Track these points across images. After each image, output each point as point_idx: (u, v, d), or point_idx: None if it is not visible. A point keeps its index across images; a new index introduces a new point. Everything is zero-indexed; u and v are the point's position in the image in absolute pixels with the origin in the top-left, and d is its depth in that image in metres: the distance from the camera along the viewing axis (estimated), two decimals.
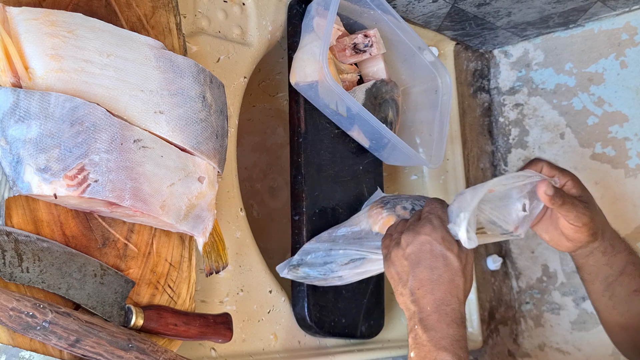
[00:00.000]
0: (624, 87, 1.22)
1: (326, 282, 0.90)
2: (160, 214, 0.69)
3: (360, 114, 0.93)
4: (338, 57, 1.01)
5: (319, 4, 0.95)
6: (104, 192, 0.64)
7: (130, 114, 0.68)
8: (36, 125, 0.62)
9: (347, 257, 0.88)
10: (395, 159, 1.06)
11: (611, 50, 1.23)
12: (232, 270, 0.86)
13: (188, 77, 0.73)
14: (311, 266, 0.89)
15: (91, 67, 0.66)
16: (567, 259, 1.27)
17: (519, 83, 1.37)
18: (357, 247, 0.88)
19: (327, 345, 0.96)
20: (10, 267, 0.61)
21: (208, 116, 0.74)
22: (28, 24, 0.63)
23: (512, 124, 1.39)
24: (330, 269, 0.88)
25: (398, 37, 1.03)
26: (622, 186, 1.21)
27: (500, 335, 1.33)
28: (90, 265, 0.67)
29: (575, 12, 1.19)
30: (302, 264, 0.89)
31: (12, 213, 0.64)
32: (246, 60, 0.93)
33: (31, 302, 0.59)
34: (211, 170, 0.76)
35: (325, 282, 0.90)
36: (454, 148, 1.28)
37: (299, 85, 0.94)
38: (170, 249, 0.75)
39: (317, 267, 0.89)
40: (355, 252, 0.87)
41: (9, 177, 0.62)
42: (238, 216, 0.89)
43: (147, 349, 0.65)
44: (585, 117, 1.27)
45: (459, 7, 1.13)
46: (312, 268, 0.89)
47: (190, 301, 0.76)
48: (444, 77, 1.08)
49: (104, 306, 0.67)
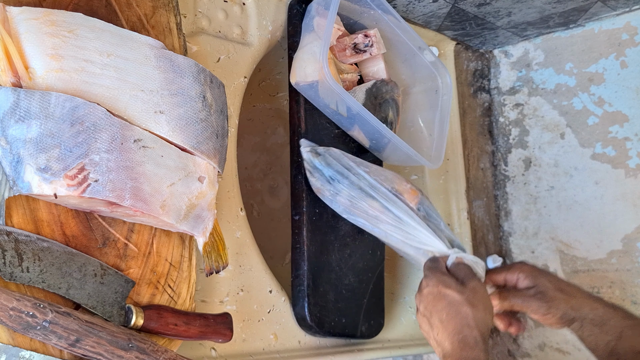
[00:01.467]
0: (624, 87, 1.22)
1: (329, 196, 0.91)
2: (160, 213, 0.69)
3: (361, 114, 0.93)
4: (338, 57, 1.01)
5: (319, 3, 0.95)
6: (104, 192, 0.64)
7: (130, 113, 0.68)
8: (36, 125, 0.62)
9: (363, 182, 0.90)
10: (395, 158, 1.06)
11: (611, 50, 1.23)
12: (232, 270, 0.86)
13: (188, 77, 0.73)
14: (329, 165, 0.90)
15: (91, 66, 0.66)
16: (567, 259, 1.27)
17: (519, 83, 1.37)
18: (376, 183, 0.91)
19: (327, 345, 0.96)
20: (10, 266, 0.61)
21: (208, 116, 0.74)
22: (28, 24, 0.63)
23: (513, 124, 1.39)
24: (341, 182, 0.90)
25: (398, 37, 1.03)
26: (622, 186, 1.21)
27: (501, 335, 1.33)
28: (90, 265, 0.67)
29: (576, 12, 1.19)
30: (323, 156, 0.91)
31: (12, 213, 0.64)
32: (246, 60, 0.93)
33: (31, 302, 0.59)
34: (211, 170, 0.76)
35: (329, 194, 0.91)
36: (454, 148, 1.28)
37: (299, 85, 0.94)
38: (171, 248, 0.75)
39: (332, 170, 0.90)
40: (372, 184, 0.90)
41: (9, 176, 0.62)
42: (238, 216, 0.89)
43: (148, 348, 0.65)
44: (585, 117, 1.27)
45: (459, 7, 1.13)
46: (329, 167, 0.90)
47: (191, 301, 0.76)
48: (444, 77, 1.08)
49: (104, 306, 0.67)
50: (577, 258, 1.26)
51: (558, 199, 1.30)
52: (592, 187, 1.25)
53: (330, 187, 0.90)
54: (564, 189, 1.29)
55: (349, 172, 0.90)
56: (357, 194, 0.90)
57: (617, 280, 1.21)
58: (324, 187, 0.91)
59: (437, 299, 0.79)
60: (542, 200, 1.32)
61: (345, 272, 0.96)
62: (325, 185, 0.91)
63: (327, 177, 0.90)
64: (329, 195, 0.91)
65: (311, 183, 0.92)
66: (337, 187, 0.90)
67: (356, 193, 0.90)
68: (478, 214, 1.35)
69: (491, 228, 1.37)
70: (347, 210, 0.92)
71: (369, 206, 0.90)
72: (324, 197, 0.92)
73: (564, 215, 1.29)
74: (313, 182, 0.92)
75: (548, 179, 1.32)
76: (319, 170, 0.90)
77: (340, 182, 0.90)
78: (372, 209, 0.90)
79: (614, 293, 1.22)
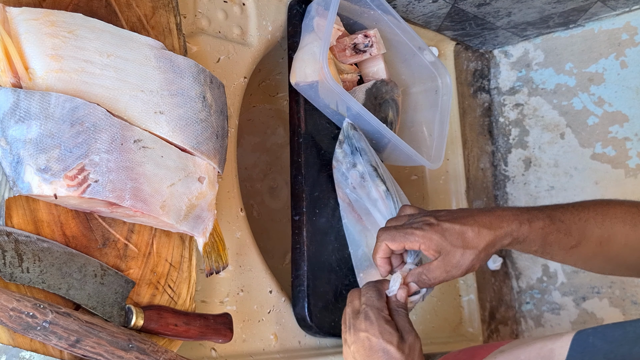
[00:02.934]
0: (624, 87, 1.22)
1: (344, 169, 0.95)
2: (160, 214, 0.69)
3: (361, 114, 0.93)
4: (338, 57, 1.01)
5: (319, 4, 0.95)
6: (104, 192, 0.64)
7: (130, 114, 0.68)
8: (36, 126, 0.62)
9: (378, 166, 0.95)
10: (395, 159, 1.06)
11: (611, 50, 1.23)
12: (233, 271, 0.86)
13: (188, 78, 0.73)
14: (359, 140, 0.95)
15: (91, 67, 0.66)
16: None
17: (519, 83, 1.37)
18: (387, 172, 0.96)
19: (327, 345, 0.96)
20: (10, 267, 0.61)
21: (208, 116, 0.74)
22: (28, 24, 0.63)
23: (512, 124, 1.39)
24: (362, 156, 0.94)
25: (398, 37, 1.03)
26: (622, 186, 1.21)
27: (501, 335, 1.33)
28: (90, 266, 0.67)
29: (576, 12, 1.19)
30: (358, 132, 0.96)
31: (12, 213, 0.64)
32: (246, 61, 0.93)
33: (31, 303, 0.59)
34: (211, 171, 0.76)
35: (346, 166, 0.95)
36: (454, 148, 1.28)
37: (299, 86, 0.94)
38: (171, 249, 0.75)
39: (359, 144, 0.94)
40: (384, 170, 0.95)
41: (9, 177, 0.62)
42: (238, 216, 0.89)
43: (148, 349, 0.65)
44: (585, 117, 1.27)
45: (459, 7, 1.13)
46: (359, 141, 0.94)
47: (191, 301, 0.76)
48: (444, 77, 1.08)
49: (104, 306, 0.67)
50: None
51: (558, 199, 1.30)
52: (592, 187, 1.25)
53: (351, 158, 0.95)
54: (564, 189, 1.29)
55: (370, 153, 0.95)
56: (370, 171, 0.93)
57: (617, 280, 1.21)
58: (345, 159, 0.95)
59: (374, 350, 0.71)
60: (542, 200, 1.32)
61: (345, 272, 0.96)
62: (348, 157, 0.95)
63: (353, 148, 0.94)
64: (345, 169, 0.95)
65: (335, 154, 0.97)
66: (357, 159, 0.94)
67: (369, 170, 0.93)
68: None
69: None
70: (356, 186, 0.95)
71: (375, 187, 0.92)
72: (338, 169, 0.96)
73: None
74: (338, 153, 0.96)
75: (548, 179, 1.32)
76: (349, 139, 0.95)
77: (361, 156, 0.94)
78: (376, 191, 0.92)
79: (614, 293, 1.22)
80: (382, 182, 0.92)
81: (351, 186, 0.95)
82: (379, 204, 0.92)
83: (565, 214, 0.77)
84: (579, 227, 0.76)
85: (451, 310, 1.23)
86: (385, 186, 0.92)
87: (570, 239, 0.77)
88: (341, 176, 0.96)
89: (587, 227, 0.77)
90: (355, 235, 0.97)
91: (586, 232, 0.77)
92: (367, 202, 0.94)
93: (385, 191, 0.92)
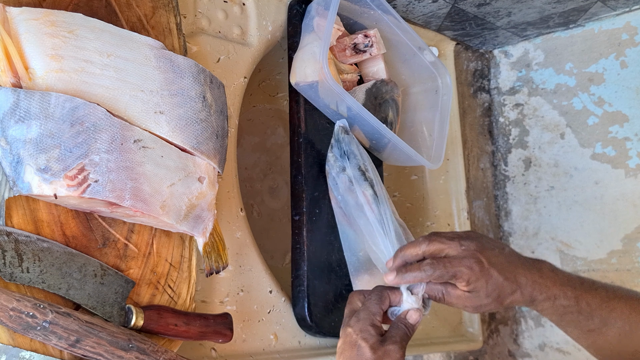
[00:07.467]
0: (624, 87, 1.22)
1: (334, 173, 0.95)
2: (160, 214, 0.69)
3: (361, 114, 0.93)
4: (338, 57, 1.01)
5: (319, 4, 0.95)
6: (104, 192, 0.64)
7: (130, 114, 0.68)
8: (36, 126, 0.62)
9: (368, 170, 0.95)
10: (395, 159, 1.06)
11: (611, 50, 1.23)
12: (233, 271, 0.86)
13: (188, 77, 0.73)
14: (349, 143, 0.95)
15: (91, 67, 0.66)
16: (568, 259, 1.27)
17: (519, 83, 1.37)
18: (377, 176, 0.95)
19: (327, 345, 0.96)
20: (10, 267, 0.61)
21: (208, 116, 0.74)
22: (28, 24, 0.63)
23: (512, 124, 1.39)
24: (351, 160, 0.94)
25: (398, 37, 1.03)
26: (622, 186, 1.21)
27: (501, 335, 1.33)
28: (90, 266, 0.67)
29: (576, 12, 1.19)
30: (350, 135, 0.96)
31: (12, 213, 0.64)
32: (246, 61, 0.93)
33: (31, 302, 0.59)
34: (211, 171, 0.76)
35: (336, 170, 0.95)
36: (454, 148, 1.28)
37: (299, 86, 0.94)
38: (171, 249, 0.75)
39: (348, 147, 0.95)
40: (374, 175, 0.94)
41: (9, 177, 0.62)
42: (238, 216, 0.89)
43: (148, 349, 0.65)
44: (585, 117, 1.27)
45: (459, 7, 1.13)
46: (348, 145, 0.95)
47: (191, 301, 0.76)
48: (444, 77, 1.08)
49: (104, 306, 0.67)
50: (577, 258, 1.26)
51: (558, 199, 1.30)
52: (592, 187, 1.25)
53: (341, 161, 0.94)
54: (564, 189, 1.29)
55: (359, 156, 0.95)
56: (357, 175, 0.93)
57: (617, 280, 1.21)
58: (336, 163, 0.95)
59: (351, 345, 0.73)
60: (542, 200, 1.32)
61: (345, 272, 0.96)
62: (338, 161, 0.95)
63: (343, 151, 0.95)
64: (335, 173, 0.95)
65: (327, 158, 0.96)
66: (345, 163, 0.94)
67: (356, 175, 0.93)
68: (478, 214, 1.35)
69: (491, 228, 1.37)
70: (344, 192, 0.94)
71: (362, 192, 0.91)
72: (330, 174, 0.96)
73: (564, 215, 1.29)
74: (329, 157, 0.96)
75: (548, 179, 1.32)
76: (339, 142, 0.95)
77: (349, 160, 0.94)
78: (362, 196, 0.91)
79: None
80: (369, 185, 0.91)
81: (340, 191, 0.94)
82: (365, 209, 0.91)
83: (594, 299, 0.77)
84: (601, 315, 0.77)
85: (451, 310, 1.23)
86: (372, 190, 0.91)
87: (590, 323, 0.77)
88: (332, 181, 0.96)
89: (611, 317, 0.77)
90: (349, 242, 0.96)
91: (609, 321, 0.77)
92: (353, 209, 0.92)
93: (372, 195, 0.91)
